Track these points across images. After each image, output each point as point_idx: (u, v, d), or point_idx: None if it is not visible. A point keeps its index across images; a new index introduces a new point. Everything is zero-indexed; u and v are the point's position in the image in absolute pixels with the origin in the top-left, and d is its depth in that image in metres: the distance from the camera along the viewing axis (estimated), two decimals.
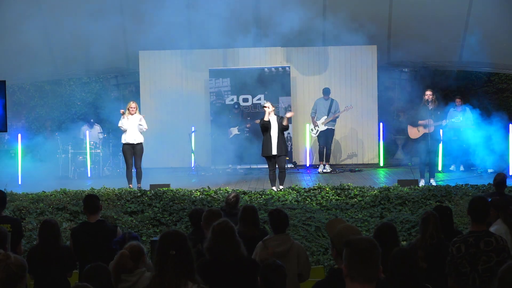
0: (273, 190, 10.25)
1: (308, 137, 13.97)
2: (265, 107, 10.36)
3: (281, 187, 10.35)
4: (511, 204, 5.37)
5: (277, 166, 10.42)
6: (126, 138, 10.76)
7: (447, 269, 4.56)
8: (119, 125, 10.79)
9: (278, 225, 5.01)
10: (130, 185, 10.78)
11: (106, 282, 3.95)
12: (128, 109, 10.76)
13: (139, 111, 11.16)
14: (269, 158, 10.38)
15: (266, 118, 10.26)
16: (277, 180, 10.48)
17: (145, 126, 10.81)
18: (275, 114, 10.49)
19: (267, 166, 10.73)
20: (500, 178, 7.07)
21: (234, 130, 13.24)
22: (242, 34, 13.41)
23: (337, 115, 12.97)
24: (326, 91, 13.14)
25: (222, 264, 4.08)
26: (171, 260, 3.30)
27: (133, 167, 10.93)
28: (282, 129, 10.29)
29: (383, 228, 4.80)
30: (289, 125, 11.22)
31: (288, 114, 10.87)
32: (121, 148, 11.03)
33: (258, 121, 13.02)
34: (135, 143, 10.76)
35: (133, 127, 10.70)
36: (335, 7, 13.71)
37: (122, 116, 10.75)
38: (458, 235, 4.73)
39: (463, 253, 4.46)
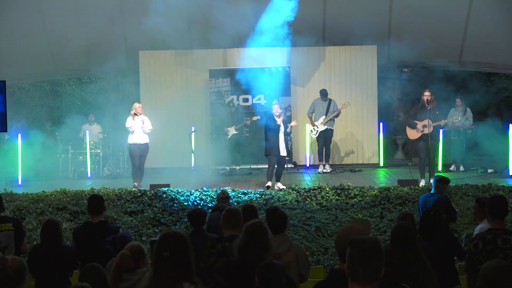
0: (268, 184, 10.50)
1: (308, 137, 13.96)
2: (281, 112, 10.81)
3: (279, 184, 10.62)
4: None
5: (276, 166, 10.76)
6: (133, 139, 10.92)
7: (465, 266, 4.60)
8: (129, 126, 10.88)
9: (275, 225, 4.82)
10: (135, 183, 10.94)
11: (101, 282, 3.95)
12: (135, 110, 10.93)
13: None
14: (273, 157, 10.70)
15: (279, 123, 10.69)
16: (274, 177, 10.80)
17: (148, 127, 10.93)
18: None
19: (267, 166, 10.94)
20: (441, 177, 7.26)
21: (231, 130, 13.24)
22: (242, 33, 13.39)
23: (336, 113, 12.95)
24: (324, 93, 13.11)
25: (250, 266, 3.93)
26: (165, 262, 3.31)
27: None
28: (286, 134, 10.83)
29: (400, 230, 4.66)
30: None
31: (293, 123, 11.25)
32: (124, 147, 11.11)
33: (255, 117, 13.21)
34: (142, 143, 10.93)
35: (139, 128, 10.89)
36: (335, 7, 13.71)
37: (131, 118, 10.84)
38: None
39: (480, 249, 4.50)
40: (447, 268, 5.32)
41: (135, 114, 10.84)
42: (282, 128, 10.70)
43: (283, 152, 10.74)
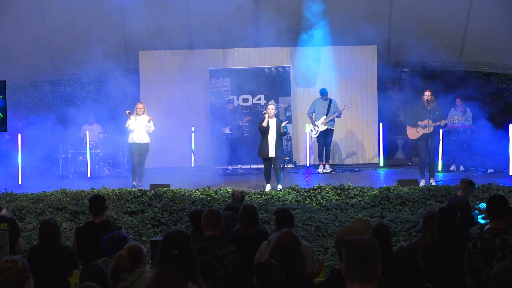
0: (266, 189, 10.38)
1: (308, 137, 13.96)
2: (265, 113, 10.49)
3: (279, 186, 10.45)
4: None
5: (272, 167, 10.65)
6: (133, 138, 11.03)
7: (464, 265, 4.62)
8: (126, 125, 11.07)
9: (285, 225, 4.97)
10: (134, 183, 11.07)
11: (102, 282, 3.95)
12: (136, 110, 11.04)
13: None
14: (265, 159, 10.62)
15: (264, 124, 10.45)
16: (275, 180, 10.65)
17: (151, 128, 11.06)
18: (274, 117, 10.57)
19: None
20: (466, 180, 7.09)
21: (226, 130, 13.26)
22: (242, 34, 13.39)
23: (337, 114, 12.94)
24: (324, 92, 13.10)
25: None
26: (174, 260, 3.31)
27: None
28: (280, 134, 10.52)
29: (379, 230, 4.73)
30: (287, 128, 11.08)
31: (283, 123, 10.65)
32: (124, 147, 11.20)
33: (246, 118, 13.14)
34: (141, 143, 11.04)
35: (140, 128, 10.99)
36: (335, 7, 13.70)
37: (129, 117, 11.00)
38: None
39: (478, 248, 4.53)
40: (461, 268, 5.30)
41: (130, 113, 10.96)
42: (274, 128, 10.41)
43: (270, 153, 10.42)
